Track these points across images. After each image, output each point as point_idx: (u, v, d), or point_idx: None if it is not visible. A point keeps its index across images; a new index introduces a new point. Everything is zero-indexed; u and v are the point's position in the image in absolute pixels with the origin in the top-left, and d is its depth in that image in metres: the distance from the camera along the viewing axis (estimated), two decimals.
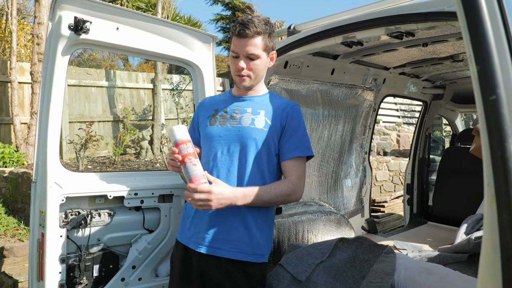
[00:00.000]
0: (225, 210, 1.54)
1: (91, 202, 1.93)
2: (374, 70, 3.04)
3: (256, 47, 1.58)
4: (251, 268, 1.59)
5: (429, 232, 3.46)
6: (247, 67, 1.60)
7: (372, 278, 1.74)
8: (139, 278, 2.04)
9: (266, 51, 1.62)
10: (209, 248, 1.58)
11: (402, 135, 9.91)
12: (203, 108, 1.79)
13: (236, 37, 1.59)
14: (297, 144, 1.62)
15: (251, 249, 1.58)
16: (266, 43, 1.60)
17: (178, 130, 1.50)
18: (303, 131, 1.66)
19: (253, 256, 1.58)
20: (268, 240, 1.67)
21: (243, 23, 1.57)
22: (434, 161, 4.28)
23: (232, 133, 1.63)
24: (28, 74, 6.81)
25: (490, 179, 0.57)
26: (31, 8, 11.33)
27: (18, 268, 4.20)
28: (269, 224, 1.68)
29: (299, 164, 1.62)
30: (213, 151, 1.65)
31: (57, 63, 1.74)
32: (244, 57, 1.59)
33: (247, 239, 1.58)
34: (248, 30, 1.55)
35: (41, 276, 1.77)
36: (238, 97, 1.71)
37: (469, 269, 2.14)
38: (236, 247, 1.57)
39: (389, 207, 5.97)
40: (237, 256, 1.56)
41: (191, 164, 1.44)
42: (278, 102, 1.69)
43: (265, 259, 1.64)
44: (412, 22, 1.66)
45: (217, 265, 1.57)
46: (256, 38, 1.57)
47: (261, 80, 1.71)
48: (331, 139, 3.07)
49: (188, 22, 12.26)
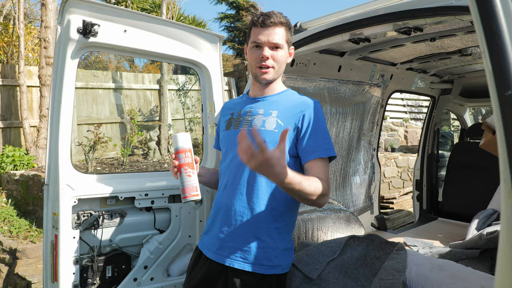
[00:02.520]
0: (236, 219, 1.52)
1: (102, 203, 1.95)
2: (381, 66, 3.02)
3: (281, 37, 1.55)
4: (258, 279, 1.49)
5: (439, 228, 3.44)
6: (272, 57, 1.56)
7: (383, 275, 1.73)
8: (151, 278, 2.05)
9: (288, 43, 1.60)
10: (216, 255, 1.56)
11: (410, 131, 9.84)
12: (222, 113, 1.80)
13: (258, 28, 1.55)
14: (318, 145, 1.52)
15: (256, 259, 1.49)
16: (287, 35, 1.58)
17: (180, 138, 1.53)
18: (322, 130, 1.55)
19: (260, 267, 1.49)
20: (280, 250, 1.53)
21: (265, 14, 1.55)
22: (443, 157, 4.25)
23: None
24: (36, 78, 6.88)
25: (507, 174, 0.57)
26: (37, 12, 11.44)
27: (31, 269, 4.25)
28: (283, 233, 1.56)
29: (321, 165, 1.50)
30: (227, 155, 1.65)
31: (67, 67, 1.75)
32: (268, 47, 1.55)
33: (253, 248, 1.50)
34: (272, 19, 1.53)
35: (55, 277, 1.79)
36: (253, 99, 1.67)
37: (481, 265, 2.12)
38: (240, 256, 1.51)
39: (398, 204, 5.94)
40: (241, 266, 1.50)
41: (185, 174, 1.48)
42: (294, 101, 1.61)
43: (277, 271, 1.52)
44: (420, 17, 1.65)
45: (219, 273, 1.53)
46: (280, 28, 1.55)
47: (280, 76, 1.66)
48: (339, 136, 3.06)
49: (192, 22, 12.27)
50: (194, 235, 2.18)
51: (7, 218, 5.10)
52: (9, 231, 4.81)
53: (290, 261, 1.60)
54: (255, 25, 1.56)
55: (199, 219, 2.19)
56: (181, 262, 2.16)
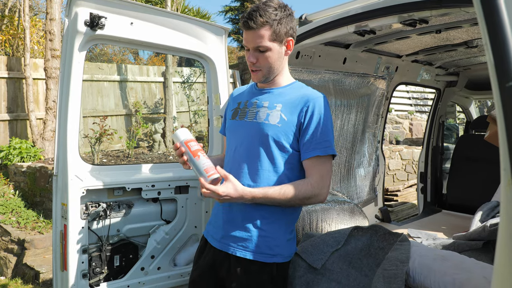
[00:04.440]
0: (239, 209, 1.55)
1: (110, 194, 1.98)
2: (386, 58, 3.02)
3: (263, 39, 1.46)
4: (259, 266, 1.53)
5: (443, 220, 3.45)
6: (257, 60, 1.52)
7: (387, 265, 1.75)
8: (158, 268, 2.09)
9: (277, 40, 1.49)
10: (220, 244, 1.60)
11: (415, 124, 9.81)
12: (230, 101, 1.80)
13: (244, 30, 1.51)
14: (317, 142, 1.50)
15: (257, 247, 1.53)
16: (276, 31, 1.47)
17: (182, 131, 1.55)
18: (325, 127, 1.51)
19: (261, 255, 1.53)
20: (281, 240, 1.57)
21: (248, 14, 1.47)
22: (448, 149, 4.24)
23: (248, 128, 1.59)
24: (42, 70, 6.91)
25: (507, 163, 0.58)
26: (42, 5, 11.46)
27: (39, 259, 4.33)
28: (285, 223, 1.59)
29: (320, 164, 1.50)
30: (231, 145, 1.66)
31: (74, 59, 1.77)
32: (253, 50, 1.50)
33: (254, 237, 1.53)
34: (252, 22, 1.44)
35: (64, 266, 1.83)
36: (260, 90, 1.65)
37: (484, 256, 2.14)
38: (242, 245, 1.54)
39: (402, 196, 5.94)
40: (242, 254, 1.53)
41: (204, 156, 1.49)
42: (300, 95, 1.57)
43: (278, 259, 1.55)
44: (426, 9, 1.65)
45: (223, 260, 1.58)
46: (263, 29, 1.45)
47: (281, 71, 1.60)
48: (343, 128, 3.07)
49: (197, 14, 12.25)
50: (200, 225, 2.21)
51: (15, 209, 5.18)
52: (17, 222, 4.88)
53: (292, 251, 1.63)
54: (241, 26, 1.52)
55: (204, 210, 2.22)
56: (187, 252, 2.19)
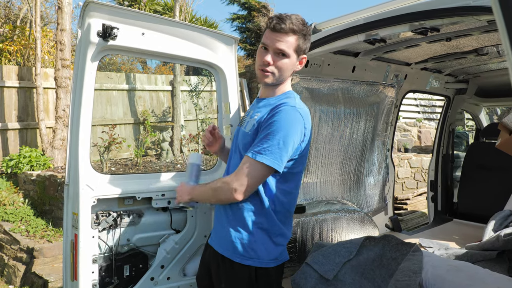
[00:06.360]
0: (225, 211, 1.65)
1: (120, 203, 1.98)
2: (395, 66, 3.01)
3: (288, 45, 1.52)
4: (237, 267, 1.58)
5: (455, 230, 3.40)
6: (274, 63, 1.54)
7: (399, 276, 1.73)
8: (168, 277, 2.08)
9: (297, 52, 1.55)
10: (212, 241, 1.74)
11: (423, 131, 9.73)
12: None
13: (270, 30, 1.53)
14: (254, 145, 1.51)
15: (234, 248, 1.59)
16: (299, 44, 1.54)
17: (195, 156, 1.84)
18: (272, 136, 1.47)
19: (236, 256, 1.58)
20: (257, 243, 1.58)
21: (280, 17, 1.51)
22: (458, 157, 4.20)
23: (239, 136, 1.70)
24: (52, 80, 6.99)
25: None
26: (52, 16, 11.62)
27: (47, 268, 4.33)
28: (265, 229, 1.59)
29: (243, 163, 1.51)
30: (231, 150, 1.80)
31: (87, 69, 1.79)
32: (273, 52, 1.53)
33: (233, 238, 1.60)
34: (284, 24, 1.49)
35: (75, 276, 1.83)
36: (258, 100, 1.73)
37: (499, 267, 2.10)
38: (223, 244, 1.64)
39: (412, 205, 5.88)
40: (225, 253, 1.62)
41: None
42: (275, 103, 1.58)
43: (255, 263, 1.57)
44: (438, 17, 1.64)
45: (214, 257, 1.69)
46: (290, 36, 1.51)
47: (284, 81, 1.63)
48: (353, 137, 3.05)
49: (204, 23, 12.33)
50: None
51: (24, 218, 5.20)
52: (26, 230, 4.90)
53: (273, 257, 1.60)
54: (269, 26, 1.55)
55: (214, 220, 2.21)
56: (197, 262, 2.16)
